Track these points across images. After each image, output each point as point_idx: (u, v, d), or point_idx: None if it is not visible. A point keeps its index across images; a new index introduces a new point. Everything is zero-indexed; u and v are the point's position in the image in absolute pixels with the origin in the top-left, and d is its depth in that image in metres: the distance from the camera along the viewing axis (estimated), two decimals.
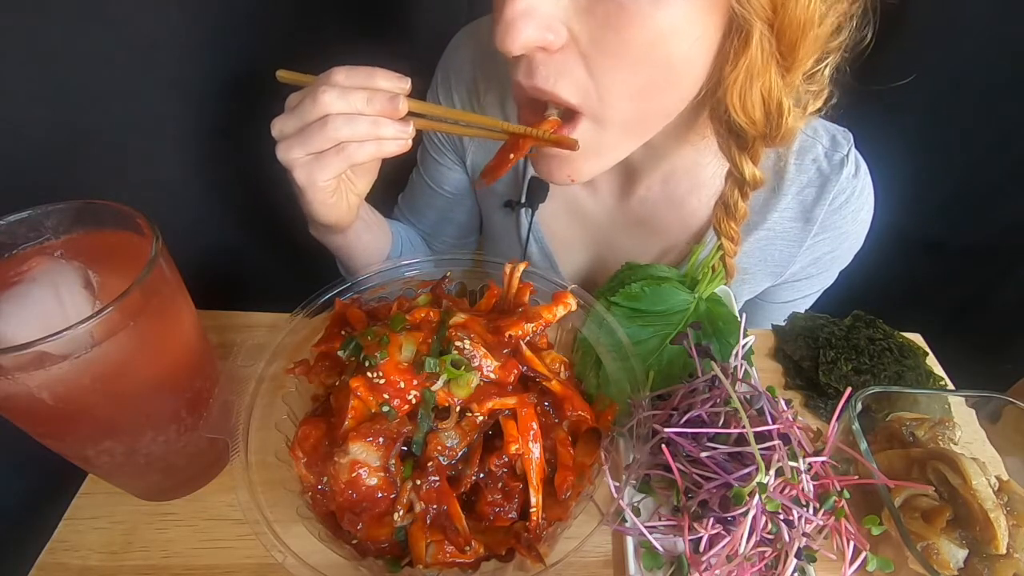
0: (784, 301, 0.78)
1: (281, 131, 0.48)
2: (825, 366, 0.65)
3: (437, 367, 0.42)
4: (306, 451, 0.43)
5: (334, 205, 0.54)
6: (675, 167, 0.65)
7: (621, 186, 0.69)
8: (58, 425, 0.39)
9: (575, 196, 0.72)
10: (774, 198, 0.64)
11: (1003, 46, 0.97)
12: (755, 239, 0.67)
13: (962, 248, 1.21)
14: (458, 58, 0.70)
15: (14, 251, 0.40)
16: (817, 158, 0.63)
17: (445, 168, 0.76)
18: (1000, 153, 1.09)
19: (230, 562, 0.46)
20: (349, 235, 0.63)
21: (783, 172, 0.63)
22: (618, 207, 0.70)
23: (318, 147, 0.47)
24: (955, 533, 0.46)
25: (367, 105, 0.45)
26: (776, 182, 0.64)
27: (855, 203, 0.65)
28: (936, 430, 0.52)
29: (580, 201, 0.72)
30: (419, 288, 0.53)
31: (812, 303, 0.80)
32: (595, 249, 0.75)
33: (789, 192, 0.64)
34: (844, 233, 0.67)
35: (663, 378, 0.55)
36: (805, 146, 0.63)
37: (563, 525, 0.43)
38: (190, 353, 0.44)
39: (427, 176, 0.78)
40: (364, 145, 0.47)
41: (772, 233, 0.67)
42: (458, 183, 0.77)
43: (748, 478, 0.43)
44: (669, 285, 0.58)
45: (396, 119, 0.46)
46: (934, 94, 1.04)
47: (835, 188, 0.63)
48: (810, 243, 0.67)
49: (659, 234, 0.70)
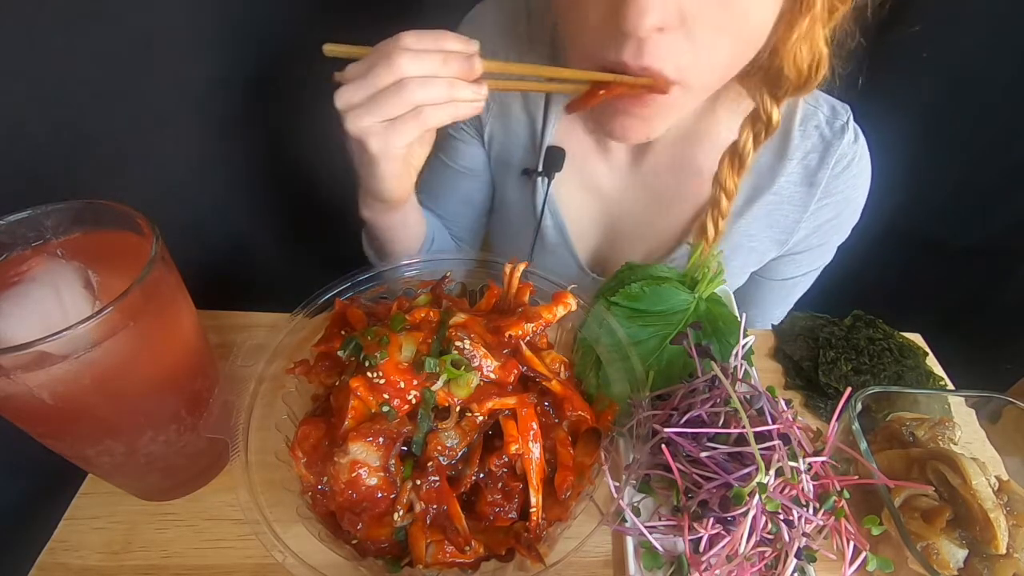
0: (786, 278, 0.80)
1: (348, 102, 0.47)
2: (825, 366, 0.65)
3: (437, 367, 0.42)
4: (306, 451, 0.43)
5: (401, 176, 0.54)
6: (690, 130, 0.68)
7: (635, 152, 0.71)
8: (58, 425, 0.39)
9: (590, 165, 0.73)
10: (779, 163, 0.67)
11: (1004, 46, 0.97)
12: (762, 204, 0.69)
13: (962, 248, 1.21)
14: (476, 31, 0.70)
15: (14, 251, 0.40)
16: (819, 125, 0.67)
17: (462, 144, 0.77)
18: (1000, 153, 1.09)
19: (230, 562, 0.46)
20: (403, 212, 0.63)
21: (788, 138, 0.66)
22: (631, 175, 0.73)
23: (394, 112, 0.46)
24: (955, 533, 0.46)
25: (443, 67, 0.45)
26: (782, 148, 0.67)
27: (855, 168, 0.68)
28: (936, 430, 0.52)
29: (594, 170, 0.73)
30: (419, 288, 0.53)
31: (811, 284, 0.83)
32: (607, 221, 0.77)
33: (794, 157, 0.67)
34: (845, 199, 0.70)
35: (663, 378, 0.55)
36: (808, 114, 0.67)
37: (563, 525, 0.43)
38: (190, 353, 0.44)
39: (445, 155, 0.79)
40: (442, 107, 0.46)
41: (778, 198, 0.69)
42: (475, 158, 0.78)
43: (748, 478, 0.43)
44: (669, 285, 0.58)
45: (471, 80, 0.47)
46: (934, 94, 1.04)
47: (837, 152, 0.66)
48: (814, 208, 0.69)
49: (669, 205, 0.72)
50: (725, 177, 0.64)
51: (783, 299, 0.84)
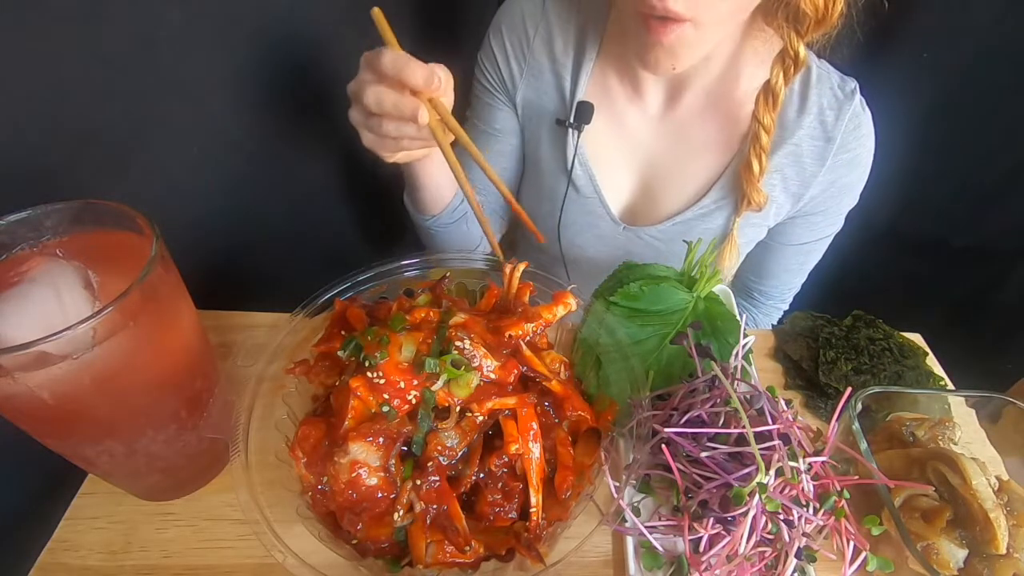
0: (802, 243, 0.84)
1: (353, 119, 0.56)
2: (825, 366, 0.65)
3: (437, 367, 0.42)
4: (306, 451, 0.43)
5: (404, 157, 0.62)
6: (719, 77, 0.73)
7: (668, 95, 0.76)
8: (58, 425, 0.39)
9: (622, 115, 0.77)
10: (799, 118, 0.72)
11: (1004, 46, 0.97)
12: (783, 154, 0.73)
13: (962, 248, 1.21)
14: (512, 13, 0.78)
15: (14, 251, 0.40)
16: (832, 87, 0.72)
17: (497, 109, 0.82)
18: (1000, 153, 1.09)
19: (230, 562, 0.46)
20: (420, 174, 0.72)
21: (806, 93, 0.72)
22: (661, 122, 0.77)
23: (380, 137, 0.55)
24: (955, 533, 0.46)
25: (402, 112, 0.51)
26: (800, 103, 0.72)
27: (865, 128, 0.74)
28: (936, 430, 0.52)
29: (625, 118, 0.77)
30: (419, 288, 0.53)
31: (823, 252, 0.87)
32: (636, 168, 0.80)
33: (812, 111, 0.72)
34: (857, 157, 0.75)
35: (663, 378, 0.55)
36: (822, 75, 0.72)
37: (563, 525, 0.43)
38: (190, 353, 0.44)
39: (480, 120, 0.84)
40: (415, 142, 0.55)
41: (799, 149, 0.73)
42: (507, 120, 0.83)
43: (748, 478, 0.43)
44: (668, 284, 0.58)
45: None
46: (934, 94, 1.04)
47: (850, 110, 0.71)
48: (831, 162, 0.73)
49: (700, 151, 0.76)
50: (762, 113, 0.69)
51: (800, 266, 0.88)
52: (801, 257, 0.87)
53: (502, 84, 0.80)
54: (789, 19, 0.63)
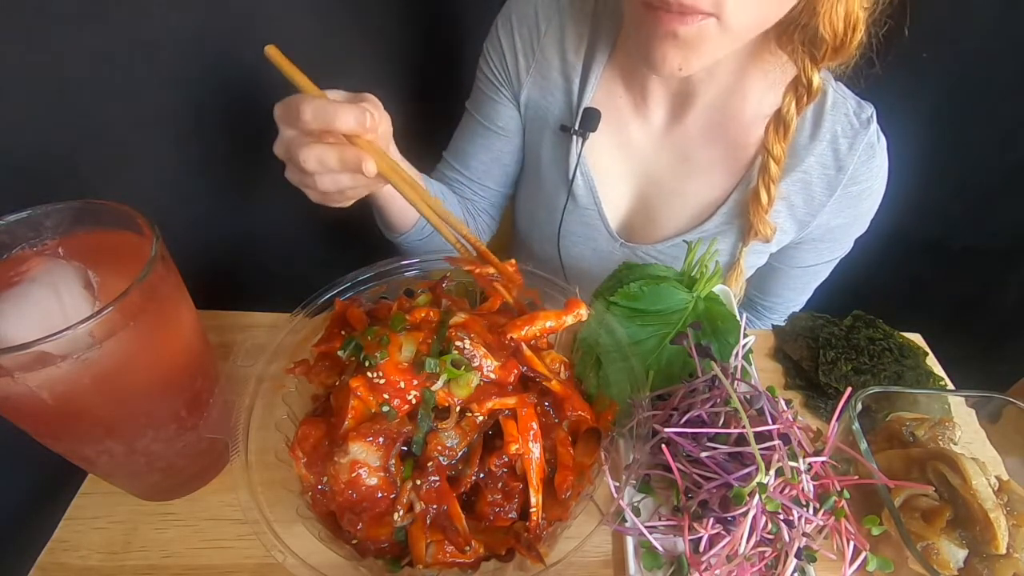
0: (806, 266, 0.82)
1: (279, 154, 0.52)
2: (825, 366, 0.65)
3: (437, 367, 0.42)
4: (306, 451, 0.43)
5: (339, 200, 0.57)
6: (726, 98, 0.70)
7: (672, 111, 0.73)
8: (58, 425, 0.39)
9: (626, 126, 0.75)
10: (811, 144, 0.70)
11: (1005, 46, 0.97)
12: (791, 181, 0.71)
13: (962, 248, 1.21)
14: (524, 3, 0.74)
15: (14, 251, 0.40)
16: (848, 113, 0.70)
17: (500, 105, 0.79)
18: (1000, 153, 1.09)
19: (230, 562, 0.46)
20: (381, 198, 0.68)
21: (820, 121, 0.69)
22: (665, 136, 0.74)
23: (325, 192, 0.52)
24: (955, 533, 0.46)
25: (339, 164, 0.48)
26: (813, 129, 0.69)
27: (879, 159, 0.71)
28: (936, 430, 0.52)
29: (629, 131, 0.75)
30: (419, 288, 0.53)
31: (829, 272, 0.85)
32: (636, 183, 0.78)
33: (824, 139, 0.69)
34: (868, 188, 0.72)
35: (663, 378, 0.55)
36: (837, 101, 0.69)
37: (563, 525, 0.43)
38: (190, 353, 0.44)
39: (480, 115, 0.81)
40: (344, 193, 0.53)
41: (808, 176, 0.71)
42: (510, 119, 0.80)
43: (748, 478, 0.43)
44: (668, 284, 0.58)
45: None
46: (935, 95, 1.04)
47: (865, 140, 0.69)
48: (840, 193, 0.71)
49: (701, 172, 0.74)
50: (772, 143, 0.66)
51: (804, 286, 0.87)
52: (806, 278, 0.85)
53: (507, 78, 0.77)
54: (805, 43, 0.59)
